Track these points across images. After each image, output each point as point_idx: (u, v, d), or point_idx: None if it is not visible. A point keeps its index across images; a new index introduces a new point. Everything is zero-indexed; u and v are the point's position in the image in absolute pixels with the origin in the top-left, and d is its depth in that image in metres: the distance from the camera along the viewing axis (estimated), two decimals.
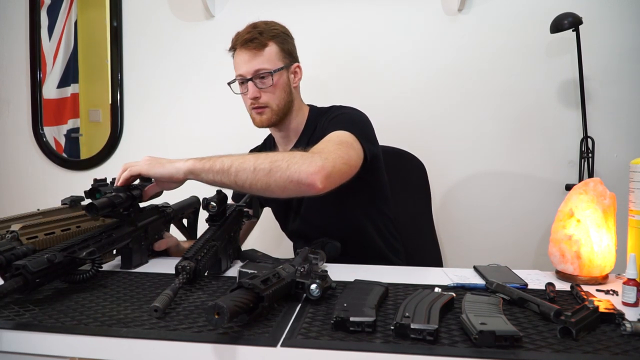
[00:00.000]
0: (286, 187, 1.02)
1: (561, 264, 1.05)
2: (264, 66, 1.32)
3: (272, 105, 1.34)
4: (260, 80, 1.32)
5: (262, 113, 1.35)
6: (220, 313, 0.65)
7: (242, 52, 1.34)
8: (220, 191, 1.11)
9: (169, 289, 0.82)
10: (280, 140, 1.46)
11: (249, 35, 1.32)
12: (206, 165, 1.07)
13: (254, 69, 1.32)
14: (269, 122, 1.36)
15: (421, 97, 2.01)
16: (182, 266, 0.90)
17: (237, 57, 1.37)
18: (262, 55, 1.32)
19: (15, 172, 2.33)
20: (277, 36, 1.34)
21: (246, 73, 1.33)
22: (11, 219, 1.01)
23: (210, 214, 1.08)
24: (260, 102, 1.33)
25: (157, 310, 0.77)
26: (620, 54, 1.90)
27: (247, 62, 1.33)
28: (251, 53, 1.32)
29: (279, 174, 1.02)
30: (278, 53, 1.34)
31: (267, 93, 1.33)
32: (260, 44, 1.32)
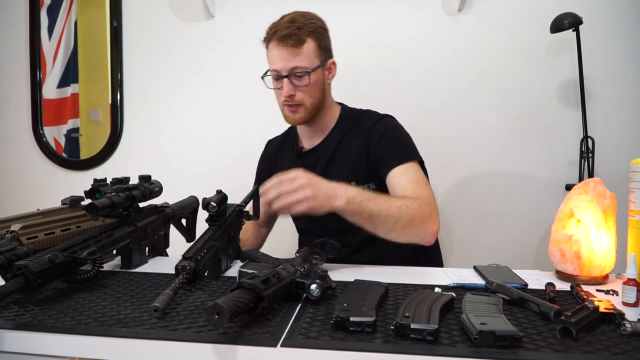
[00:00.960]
0: (410, 240, 1.13)
1: (561, 264, 1.05)
2: (302, 64, 1.28)
3: (306, 103, 1.32)
4: (297, 78, 1.29)
5: (296, 111, 1.32)
6: (220, 313, 0.65)
7: (278, 47, 1.28)
8: (220, 191, 1.11)
9: (169, 289, 0.82)
10: (307, 134, 1.44)
11: (288, 31, 1.26)
12: (357, 208, 1.06)
13: (290, 67, 1.28)
14: (302, 120, 1.34)
15: (421, 97, 2.01)
16: (182, 266, 0.90)
17: (272, 51, 1.31)
18: (300, 53, 1.28)
19: (15, 172, 2.33)
20: (315, 31, 1.30)
21: (282, 69, 1.29)
22: (11, 219, 1.01)
23: (210, 214, 1.08)
24: (295, 100, 1.31)
25: (157, 310, 0.77)
26: (620, 54, 1.90)
27: (284, 59, 1.28)
28: (289, 50, 1.27)
29: (413, 231, 1.11)
30: (315, 50, 1.30)
31: (302, 91, 1.30)
32: (299, 41, 1.27)
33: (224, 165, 2.15)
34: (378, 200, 1.09)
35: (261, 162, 1.58)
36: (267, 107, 2.11)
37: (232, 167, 2.11)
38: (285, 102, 1.32)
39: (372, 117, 1.39)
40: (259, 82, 2.12)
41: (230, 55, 2.13)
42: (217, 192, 1.11)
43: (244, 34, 2.11)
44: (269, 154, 1.55)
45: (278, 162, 1.51)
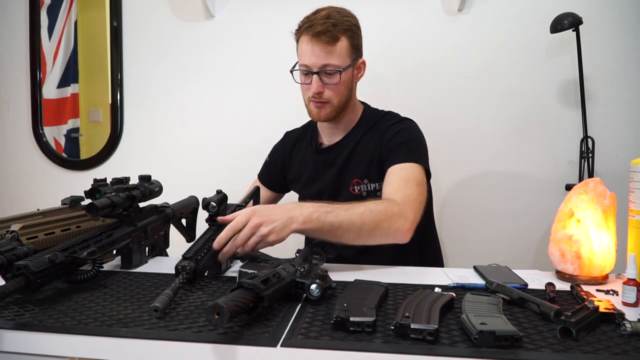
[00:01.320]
0: (382, 242, 1.11)
1: (561, 264, 1.05)
2: (334, 62, 1.27)
3: (333, 101, 1.31)
4: (327, 76, 1.28)
5: (322, 108, 1.31)
6: (220, 313, 0.65)
7: (312, 43, 1.26)
8: (220, 191, 1.11)
9: (169, 289, 0.82)
10: (328, 131, 1.43)
11: (323, 27, 1.24)
12: (316, 225, 1.04)
13: (322, 64, 1.26)
14: (327, 118, 1.34)
15: (421, 96, 2.01)
16: (182, 266, 0.90)
17: (305, 45, 1.28)
18: (333, 51, 1.26)
19: (15, 172, 2.33)
20: (349, 29, 1.29)
21: (313, 65, 1.27)
22: (11, 219, 1.01)
23: (210, 214, 1.08)
24: (323, 98, 1.30)
25: (157, 310, 0.77)
26: (620, 54, 1.90)
27: (316, 55, 1.26)
28: (322, 46, 1.25)
29: (380, 233, 1.09)
30: (348, 48, 1.29)
31: (331, 90, 1.29)
32: (333, 38, 1.25)
33: (224, 165, 2.15)
34: (337, 211, 1.06)
35: (275, 152, 1.57)
36: (268, 107, 2.13)
37: (232, 167, 2.12)
38: (312, 99, 1.31)
39: (392, 119, 1.39)
40: (259, 82, 2.13)
41: (230, 55, 2.13)
42: (217, 192, 1.11)
43: (244, 34, 2.11)
44: (286, 146, 1.54)
45: (294, 155, 1.51)
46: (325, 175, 1.42)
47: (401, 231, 1.11)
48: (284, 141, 1.57)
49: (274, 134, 1.61)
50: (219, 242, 0.99)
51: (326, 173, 1.41)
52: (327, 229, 1.05)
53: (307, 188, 1.46)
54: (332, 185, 1.39)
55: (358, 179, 1.36)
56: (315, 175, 1.44)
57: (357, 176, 1.36)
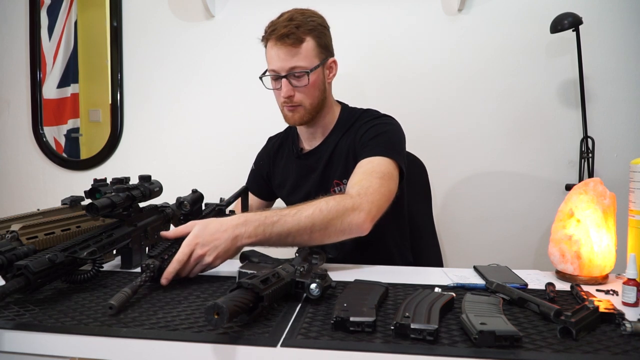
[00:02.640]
0: (339, 238, 1.08)
1: (561, 264, 1.05)
2: (300, 64, 1.26)
3: (305, 104, 1.30)
4: (296, 79, 1.27)
5: (295, 111, 1.31)
6: (219, 313, 0.65)
7: (277, 47, 1.26)
8: (195, 190, 1.11)
9: (128, 287, 0.83)
10: (307, 136, 1.42)
11: (286, 30, 1.23)
12: (262, 237, 1.02)
13: (289, 67, 1.26)
14: (302, 121, 1.33)
15: (421, 97, 2.01)
16: (146, 264, 0.91)
17: (270, 51, 1.28)
18: (298, 53, 1.25)
19: (15, 172, 2.33)
20: (314, 29, 1.27)
21: (280, 70, 1.27)
22: (11, 219, 1.01)
23: (183, 213, 1.08)
24: (294, 101, 1.29)
25: (112, 307, 0.77)
26: (620, 54, 1.90)
27: (282, 59, 1.26)
28: (287, 49, 1.25)
29: (334, 230, 1.06)
30: (315, 49, 1.28)
31: (302, 92, 1.28)
32: (297, 40, 1.24)
33: (224, 164, 2.15)
34: (285, 219, 1.02)
35: (260, 158, 1.56)
36: (267, 107, 2.12)
37: (232, 167, 2.11)
38: (284, 103, 1.31)
39: (369, 116, 1.36)
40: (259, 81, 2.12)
41: (230, 55, 2.13)
42: (192, 191, 1.11)
43: (244, 34, 2.11)
44: (269, 151, 1.54)
45: (278, 161, 1.51)
46: (309, 180, 1.41)
47: (355, 224, 1.07)
48: (267, 147, 1.56)
49: (274, 133, 1.61)
50: (167, 278, 0.94)
51: (310, 178, 1.40)
52: (275, 239, 1.03)
53: (292, 194, 1.45)
54: (316, 190, 1.37)
55: (338, 180, 1.35)
56: (299, 181, 1.43)
57: (337, 177, 1.35)
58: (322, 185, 1.37)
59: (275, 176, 1.51)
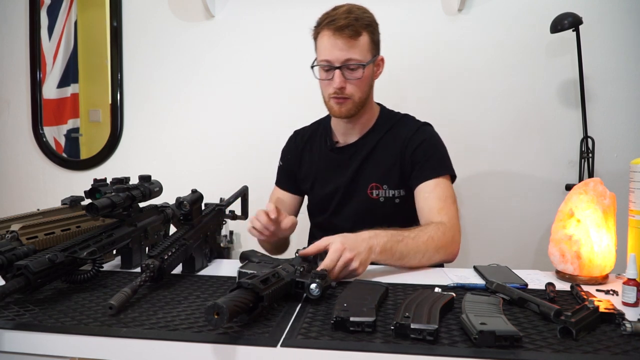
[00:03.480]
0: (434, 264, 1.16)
1: (561, 264, 1.05)
2: (356, 57, 1.25)
3: (355, 97, 1.29)
4: (349, 71, 1.26)
5: (343, 104, 1.29)
6: (219, 313, 0.65)
7: (334, 37, 1.24)
8: (195, 190, 1.11)
9: (128, 287, 0.83)
10: (343, 130, 1.40)
11: (346, 21, 1.23)
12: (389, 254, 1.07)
13: (345, 58, 1.25)
14: (348, 114, 1.31)
15: (420, 97, 2.01)
16: (146, 264, 0.90)
17: (325, 41, 1.27)
18: (356, 45, 1.25)
19: (15, 172, 2.33)
20: (370, 25, 1.29)
21: (335, 60, 1.25)
22: (11, 219, 1.01)
23: (183, 213, 1.08)
24: (345, 93, 1.28)
25: (112, 307, 0.77)
26: (620, 54, 1.90)
27: (339, 50, 1.24)
28: (345, 41, 1.24)
29: (437, 258, 1.15)
30: (369, 44, 1.28)
31: (353, 85, 1.28)
32: (356, 33, 1.24)
33: (224, 164, 2.15)
34: (407, 240, 1.09)
35: (286, 153, 1.53)
36: (267, 107, 2.13)
37: (232, 167, 2.12)
38: (333, 95, 1.29)
39: (412, 123, 1.39)
40: (259, 81, 2.13)
41: (230, 55, 2.13)
42: (192, 191, 1.11)
43: (244, 34, 2.11)
44: (297, 145, 1.50)
45: (306, 153, 1.48)
46: (339, 176, 1.40)
47: (453, 255, 1.20)
48: (295, 141, 1.52)
49: (274, 134, 1.61)
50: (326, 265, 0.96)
51: (340, 173, 1.39)
52: (397, 257, 1.08)
53: (319, 187, 1.44)
54: (346, 186, 1.37)
55: (377, 184, 1.35)
56: (328, 174, 1.42)
57: (375, 180, 1.35)
58: (354, 182, 1.37)
59: (301, 169, 1.48)
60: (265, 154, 2.08)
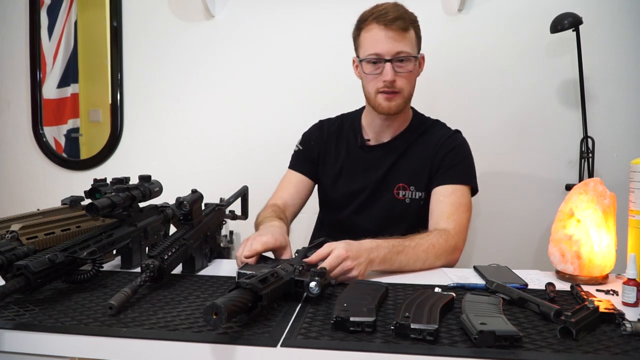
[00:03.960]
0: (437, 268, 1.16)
1: (561, 264, 1.05)
2: (407, 49, 1.24)
3: (404, 92, 1.27)
4: (400, 64, 1.24)
5: (392, 99, 1.27)
6: (218, 313, 0.65)
7: (385, 29, 1.22)
8: (195, 190, 1.11)
9: (128, 287, 0.83)
10: (377, 128, 1.37)
11: (396, 14, 1.22)
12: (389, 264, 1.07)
13: (396, 50, 1.23)
14: (398, 110, 1.29)
15: (420, 97, 2.00)
16: (146, 264, 0.90)
17: (375, 34, 1.24)
18: (405, 38, 1.24)
19: (15, 172, 2.33)
20: (415, 21, 1.28)
21: (386, 53, 1.23)
22: (11, 219, 1.01)
23: (183, 213, 1.08)
24: (395, 87, 1.25)
25: (112, 307, 0.77)
26: (620, 54, 1.90)
27: (390, 42, 1.22)
28: (395, 33, 1.22)
29: (439, 264, 1.15)
30: (415, 39, 1.28)
31: (403, 78, 1.25)
32: (406, 26, 1.23)
33: (224, 164, 2.15)
34: (407, 250, 1.09)
35: (309, 139, 1.47)
36: (267, 107, 2.13)
37: (232, 167, 2.12)
38: (382, 89, 1.26)
39: (445, 129, 1.39)
40: (259, 81, 2.13)
41: (230, 55, 2.13)
42: (192, 191, 1.11)
43: (244, 34, 2.11)
44: (323, 135, 1.46)
45: (331, 145, 1.44)
46: (367, 174, 1.38)
47: (454, 261, 1.20)
48: (321, 129, 1.48)
49: (274, 134, 1.61)
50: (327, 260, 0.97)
51: (369, 172, 1.37)
52: (397, 266, 1.08)
53: (343, 183, 1.41)
54: (375, 186, 1.36)
55: (404, 184, 1.34)
56: (355, 171, 1.40)
57: (403, 181, 1.34)
58: (383, 182, 1.36)
59: (326, 161, 1.44)
60: (266, 154, 2.08)
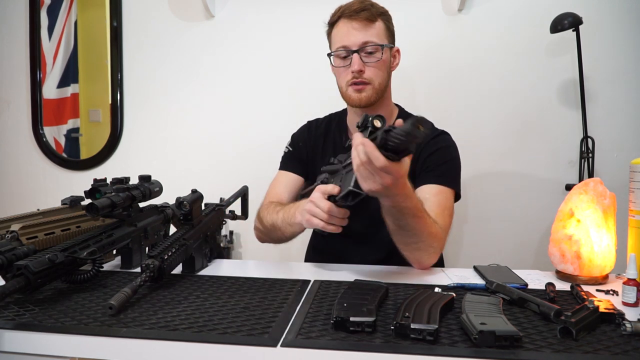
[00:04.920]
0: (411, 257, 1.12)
1: (561, 264, 1.05)
2: (373, 39, 1.25)
3: (374, 82, 1.26)
4: (367, 55, 1.25)
5: (362, 90, 1.26)
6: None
7: (350, 22, 1.25)
8: (195, 190, 1.11)
9: (128, 287, 0.83)
10: None
11: (361, 5, 1.24)
12: (402, 213, 1.02)
13: (362, 41, 1.24)
14: (368, 101, 1.27)
15: (420, 97, 2.01)
16: (146, 264, 0.90)
17: (341, 28, 1.27)
18: (372, 28, 1.25)
19: (15, 172, 2.33)
20: (384, 14, 1.29)
21: (352, 44, 1.25)
22: (11, 219, 1.01)
23: (183, 213, 1.08)
24: (364, 77, 1.25)
25: (112, 307, 0.77)
26: (620, 54, 1.90)
27: (355, 33, 1.24)
28: (362, 24, 1.24)
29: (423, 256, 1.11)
30: (385, 31, 1.28)
31: (372, 68, 1.25)
32: (372, 16, 1.24)
33: (224, 164, 2.15)
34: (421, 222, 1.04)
35: (298, 140, 1.47)
36: (267, 106, 2.13)
37: (232, 167, 2.12)
38: (351, 80, 1.26)
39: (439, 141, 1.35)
40: (259, 81, 2.13)
41: (230, 55, 2.13)
42: (192, 191, 1.11)
43: (244, 34, 2.11)
44: (311, 136, 1.46)
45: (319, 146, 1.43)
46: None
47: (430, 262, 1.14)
48: (309, 130, 1.48)
49: (274, 134, 1.61)
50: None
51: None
52: (402, 224, 1.03)
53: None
54: None
55: None
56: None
57: None
58: None
59: (315, 161, 1.43)
60: (266, 154, 2.08)
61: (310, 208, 1.05)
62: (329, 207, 1.02)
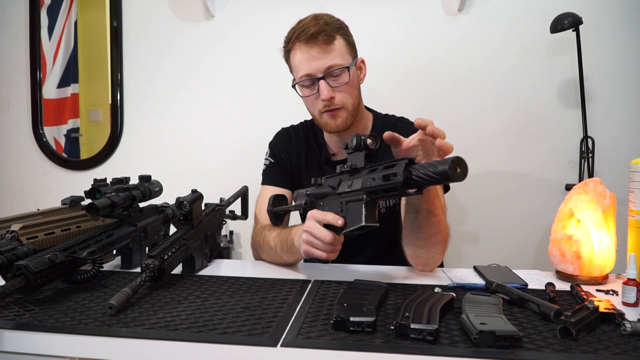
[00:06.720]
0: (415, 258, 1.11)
1: (561, 264, 1.05)
2: (337, 62, 1.17)
3: (347, 105, 1.20)
4: (334, 78, 1.18)
5: (337, 116, 1.20)
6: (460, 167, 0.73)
7: (308, 48, 1.17)
8: (195, 190, 1.11)
9: (128, 286, 0.83)
10: (338, 143, 1.29)
11: (316, 28, 1.15)
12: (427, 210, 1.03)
13: (325, 66, 1.17)
14: (345, 126, 1.21)
15: (421, 97, 2.01)
16: (146, 264, 0.90)
17: (300, 55, 1.19)
18: (333, 50, 1.17)
19: (15, 172, 2.33)
20: (341, 27, 1.21)
21: (316, 72, 1.17)
22: (11, 219, 1.01)
23: (183, 213, 1.08)
24: (336, 103, 1.19)
25: (112, 307, 0.78)
26: (620, 54, 1.90)
27: (317, 59, 1.16)
28: (321, 48, 1.16)
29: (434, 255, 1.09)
30: (345, 46, 1.20)
31: (342, 92, 1.19)
32: (330, 37, 1.16)
33: (224, 164, 2.15)
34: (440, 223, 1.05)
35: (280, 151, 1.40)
36: (267, 106, 2.13)
37: (232, 167, 2.12)
38: (323, 108, 1.20)
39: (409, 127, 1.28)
40: (259, 81, 2.13)
41: (230, 55, 2.13)
42: (192, 191, 1.11)
43: (244, 34, 2.11)
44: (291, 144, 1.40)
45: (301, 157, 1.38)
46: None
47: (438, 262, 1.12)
48: (289, 138, 1.42)
49: (274, 133, 1.61)
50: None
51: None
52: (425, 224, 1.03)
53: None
54: None
55: None
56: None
57: None
58: None
59: (300, 172, 1.38)
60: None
61: (307, 238, 0.98)
62: (330, 238, 0.94)
